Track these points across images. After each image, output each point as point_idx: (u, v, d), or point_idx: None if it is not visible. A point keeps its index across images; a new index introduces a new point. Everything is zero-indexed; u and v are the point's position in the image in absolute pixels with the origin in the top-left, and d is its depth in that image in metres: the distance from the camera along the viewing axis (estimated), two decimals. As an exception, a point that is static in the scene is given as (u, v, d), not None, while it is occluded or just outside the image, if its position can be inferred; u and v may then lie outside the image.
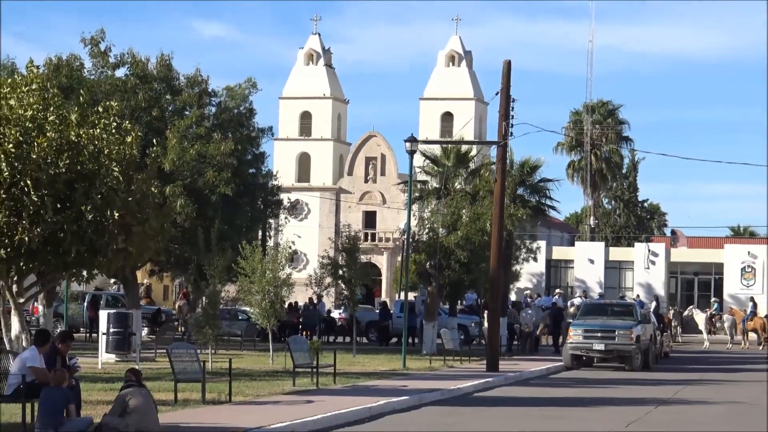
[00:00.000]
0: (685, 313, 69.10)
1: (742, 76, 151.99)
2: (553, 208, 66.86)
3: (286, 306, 46.41)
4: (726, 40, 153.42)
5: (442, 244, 44.72)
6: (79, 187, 23.23)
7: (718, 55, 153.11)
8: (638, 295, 65.88)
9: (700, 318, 65.00)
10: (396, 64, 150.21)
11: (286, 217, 58.40)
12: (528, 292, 69.00)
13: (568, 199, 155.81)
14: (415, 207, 54.62)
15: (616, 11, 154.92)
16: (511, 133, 38.69)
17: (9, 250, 22.70)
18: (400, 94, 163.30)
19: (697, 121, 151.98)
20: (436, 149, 64.76)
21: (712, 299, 72.63)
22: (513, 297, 58.12)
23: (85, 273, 29.89)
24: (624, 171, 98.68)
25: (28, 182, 22.46)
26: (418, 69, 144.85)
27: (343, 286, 47.01)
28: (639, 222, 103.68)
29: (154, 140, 38.25)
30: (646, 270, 76.10)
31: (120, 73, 45.24)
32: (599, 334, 39.94)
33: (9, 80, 25.25)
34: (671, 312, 66.51)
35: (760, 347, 58.27)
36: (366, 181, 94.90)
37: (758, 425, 23.16)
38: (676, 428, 22.88)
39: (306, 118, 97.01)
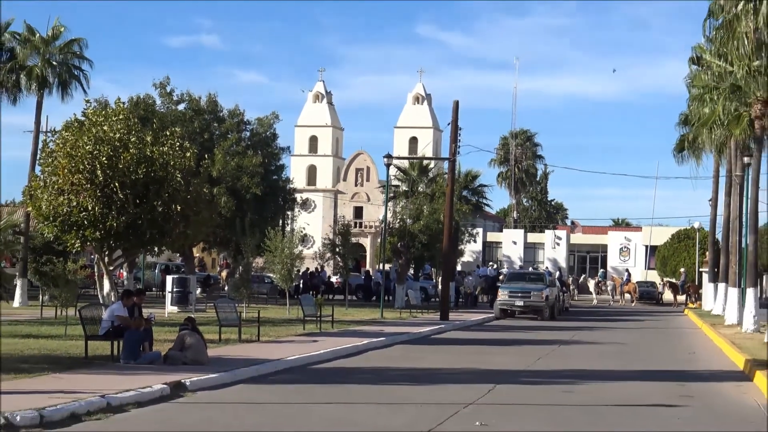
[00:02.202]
0: (580, 279, 75.70)
1: (625, 112, 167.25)
2: (487, 205, 75.24)
3: (302, 272, 51.16)
4: (615, 86, 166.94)
5: (409, 230, 50.01)
6: (152, 188, 25.14)
7: (608, 97, 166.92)
8: (547, 267, 71.92)
9: (590, 283, 72.01)
10: (377, 102, 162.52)
11: (298, 211, 62.89)
12: (492, 264, 75.31)
13: (498, 199, 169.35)
14: (390, 204, 56.77)
15: (534, 66, 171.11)
16: (458, 152, 42.65)
17: (102, 233, 24.83)
18: (380, 124, 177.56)
19: (591, 144, 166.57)
20: (406, 163, 69.51)
21: (599, 270, 79.57)
22: (459, 268, 61.33)
23: (156, 249, 32.32)
24: (538, 179, 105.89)
25: (116, 184, 24.29)
26: (393, 106, 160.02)
27: (339, 259, 50.60)
28: (548, 215, 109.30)
29: (206, 155, 43.90)
30: (553, 249, 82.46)
31: (181, 107, 49.33)
32: (519, 294, 43.10)
33: (103, 112, 26.84)
34: (570, 279, 72.34)
35: (632, 304, 64.31)
36: (356, 185, 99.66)
37: (630, 359, 24.51)
38: (574, 361, 23.32)
39: (313, 140, 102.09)
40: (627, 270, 77.89)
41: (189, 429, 12.56)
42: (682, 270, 73.29)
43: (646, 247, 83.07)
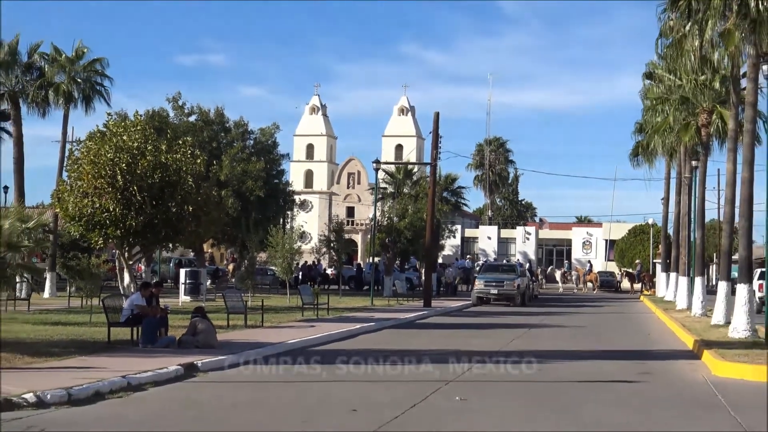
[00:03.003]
0: (548, 270, 76.88)
1: (587, 121, 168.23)
2: (465, 205, 77.11)
3: (300, 265, 50.83)
4: (578, 99, 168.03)
5: (396, 228, 50.09)
6: (167, 191, 25.25)
7: (572, 108, 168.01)
8: (518, 259, 70.86)
9: (557, 273, 73.32)
10: (367, 113, 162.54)
11: (297, 211, 63.71)
12: (469, 256, 74.91)
13: (474, 199, 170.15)
14: (379, 204, 55.90)
15: (506, 81, 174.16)
16: (439, 157, 42.91)
17: (122, 231, 25.07)
18: (370, 133, 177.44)
19: (557, 150, 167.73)
20: (392, 168, 70.74)
21: (565, 262, 79.84)
22: (440, 260, 60.95)
23: (170, 245, 32.95)
24: (509, 181, 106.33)
25: (135, 188, 24.46)
26: (381, 117, 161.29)
27: (333, 253, 51.61)
28: (518, 213, 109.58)
29: (214, 161, 44.21)
30: (523, 243, 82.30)
31: (191, 119, 49.77)
32: (494, 284, 43.16)
33: (122, 124, 27.15)
34: (539, 269, 72.65)
35: (594, 291, 64.28)
36: (348, 187, 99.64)
37: (593, 340, 24.51)
38: (543, 343, 23.15)
39: (310, 148, 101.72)
40: (589, 261, 78.23)
41: (202, 405, 12.49)
42: (637, 261, 73.57)
43: (606, 241, 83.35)
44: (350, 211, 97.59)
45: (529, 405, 12.80)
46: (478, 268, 53.04)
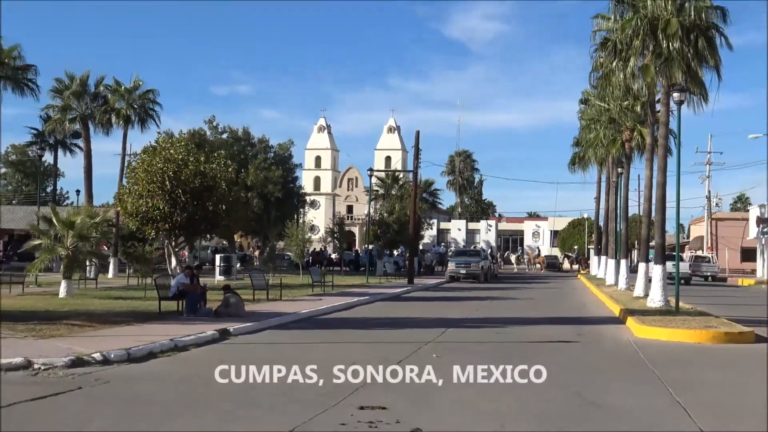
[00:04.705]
0: (505, 254, 76.90)
1: (536, 136, 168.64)
2: (440, 203, 78.09)
3: (311, 251, 51.05)
4: (529, 118, 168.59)
5: (385, 222, 50.40)
6: (205, 194, 25.41)
7: (524, 126, 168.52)
8: (482, 246, 71.23)
9: (512, 257, 73.27)
10: (363, 131, 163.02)
11: (308, 208, 63.83)
12: (444, 244, 75.90)
13: (447, 199, 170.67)
14: (372, 203, 57.49)
15: (472, 105, 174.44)
16: (419, 166, 43.85)
17: (170, 225, 25.28)
18: (365, 147, 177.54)
19: (512, 159, 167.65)
20: (383, 174, 70.87)
21: (518, 248, 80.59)
22: (421, 247, 60.00)
23: (208, 236, 33.71)
24: (475, 185, 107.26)
25: (179, 191, 24.77)
26: (373, 134, 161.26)
27: (336, 242, 51.74)
28: (482, 210, 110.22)
29: (242, 170, 44.26)
30: (486, 233, 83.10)
31: (224, 136, 50.15)
32: (463, 265, 43.66)
33: (170, 140, 27.38)
34: (498, 254, 73.68)
35: (541, 271, 65.13)
36: (348, 190, 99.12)
37: (541, 309, 24.23)
38: (502, 311, 23.07)
39: (318, 159, 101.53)
40: (538, 247, 78.89)
41: (233, 361, 12.40)
42: (575, 247, 74.16)
43: (551, 231, 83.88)
44: (350, 209, 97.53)
45: (492, 360, 12.67)
46: (450, 253, 53.27)
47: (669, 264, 25.57)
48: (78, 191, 53.63)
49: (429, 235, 75.72)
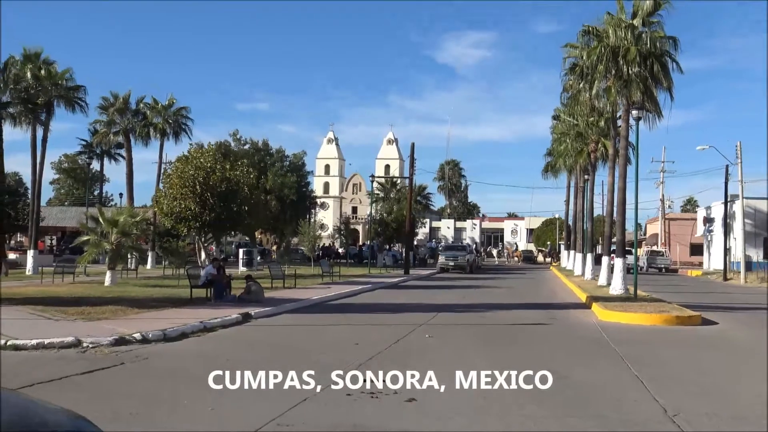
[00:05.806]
0: (487, 249, 76.38)
1: (516, 147, 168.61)
2: (432, 205, 77.72)
3: (321, 246, 50.54)
4: (510, 131, 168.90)
5: (385, 221, 49.99)
6: (230, 197, 25.87)
7: (505, 139, 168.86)
8: (468, 242, 69.86)
9: (494, 251, 73.44)
10: (366, 142, 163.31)
11: (318, 209, 64.26)
12: (435, 240, 75.00)
13: (438, 201, 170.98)
14: (374, 205, 57.91)
15: (460, 120, 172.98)
16: (414, 173, 43.17)
17: (200, 223, 25.79)
18: (367, 156, 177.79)
19: (495, 166, 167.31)
20: (383, 180, 70.79)
21: (499, 243, 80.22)
22: (415, 243, 58.71)
23: (233, 233, 33.33)
24: (462, 189, 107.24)
25: (208, 194, 25.35)
26: (375, 145, 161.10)
27: (343, 238, 51.91)
28: (468, 211, 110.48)
29: (262, 176, 43.44)
30: (472, 231, 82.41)
31: (246, 147, 50.30)
32: (452, 258, 43.43)
33: (200, 150, 28.04)
34: (482, 249, 73.25)
35: (519, 263, 64.45)
36: (353, 194, 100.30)
37: (518, 296, 23.95)
38: (485, 298, 22.47)
39: (327, 167, 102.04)
40: (516, 243, 78.58)
41: (255, 340, 12.39)
42: (548, 243, 73.92)
43: (527, 229, 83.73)
44: (354, 210, 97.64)
45: (476, 340, 12.70)
46: (440, 248, 53.08)
47: (628, 257, 25.55)
48: (121, 194, 53.39)
49: (422, 232, 75.52)
